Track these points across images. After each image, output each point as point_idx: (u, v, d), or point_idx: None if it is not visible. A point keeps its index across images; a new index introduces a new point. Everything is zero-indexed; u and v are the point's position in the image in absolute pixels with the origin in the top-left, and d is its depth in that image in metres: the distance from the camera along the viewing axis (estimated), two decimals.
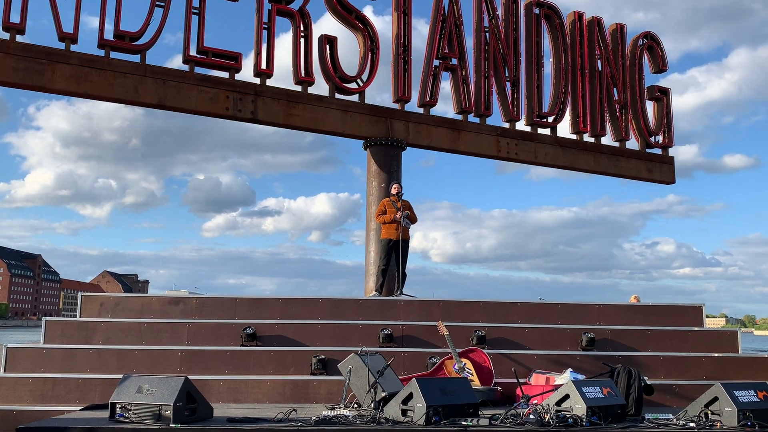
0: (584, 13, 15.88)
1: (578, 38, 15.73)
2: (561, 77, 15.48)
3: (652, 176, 17.05)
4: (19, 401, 7.46)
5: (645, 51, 17.04)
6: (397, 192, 10.57)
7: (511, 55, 14.79)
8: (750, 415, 5.83)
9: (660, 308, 9.46)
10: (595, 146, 15.96)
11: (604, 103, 16.03)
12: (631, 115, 16.50)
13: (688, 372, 8.42)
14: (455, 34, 14.04)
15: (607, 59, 16.11)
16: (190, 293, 19.94)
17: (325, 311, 8.96)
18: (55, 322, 8.52)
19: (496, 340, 8.67)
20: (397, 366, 7.76)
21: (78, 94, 10.75)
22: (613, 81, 16.20)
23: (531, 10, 15.27)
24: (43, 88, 10.44)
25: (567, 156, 15.56)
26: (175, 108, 11.54)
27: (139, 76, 11.00)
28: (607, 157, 16.15)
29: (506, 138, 14.68)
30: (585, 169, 15.96)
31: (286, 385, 7.70)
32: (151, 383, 5.83)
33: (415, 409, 5.70)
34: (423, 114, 13.79)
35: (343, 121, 12.79)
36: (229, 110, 11.78)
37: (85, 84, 10.55)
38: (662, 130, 17.08)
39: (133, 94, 10.96)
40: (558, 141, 15.41)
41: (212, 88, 11.63)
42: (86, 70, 10.60)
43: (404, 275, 10.46)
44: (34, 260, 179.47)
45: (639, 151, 16.70)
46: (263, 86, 12.11)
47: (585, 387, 6.01)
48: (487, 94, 14.40)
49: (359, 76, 12.99)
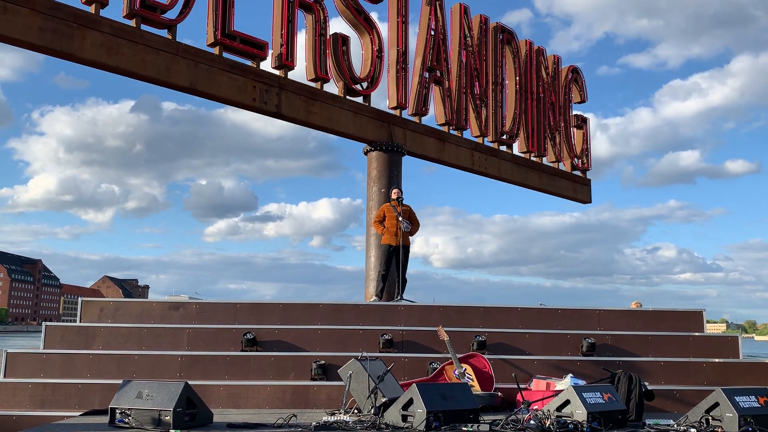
0: (533, 42, 17.44)
1: (529, 65, 17.31)
2: (517, 99, 16.71)
3: (576, 195, 18.91)
4: (18, 406, 7.46)
5: (573, 83, 19.10)
6: (398, 197, 10.56)
7: (482, 74, 15.70)
8: (751, 421, 5.82)
9: (660, 314, 9.45)
10: (539, 165, 17.51)
11: (546, 126, 17.67)
12: (564, 140, 18.27)
13: (688, 377, 8.40)
14: (441, 48, 14.60)
15: (547, 87, 17.89)
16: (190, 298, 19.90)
17: (326, 316, 8.94)
18: (55, 327, 8.51)
19: (497, 345, 8.66)
20: (398, 371, 7.75)
21: (109, 68, 9.69)
22: (551, 106, 17.99)
23: (497, 34, 16.42)
24: (72, 56, 9.28)
25: (521, 173, 16.91)
26: (205, 94, 10.70)
27: (171, 54, 10.13)
28: (548, 176, 17.82)
29: (478, 152, 15.58)
30: (532, 185, 17.40)
31: (286, 390, 7.69)
32: (151, 388, 5.82)
33: (416, 415, 5.68)
34: (417, 123, 14.03)
35: (354, 123, 12.76)
36: (256, 102, 11.16)
37: (116, 56, 9.55)
38: (584, 154, 19.13)
39: (165, 74, 10.09)
40: (515, 158, 16.72)
41: (241, 77, 10.99)
42: (118, 40, 9.59)
43: (405, 280, 10.46)
44: (34, 265, 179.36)
45: (568, 172, 18.51)
46: (286, 79, 11.66)
47: (585, 392, 5.99)
48: (465, 109, 15.16)
49: (367, 79, 13.02)
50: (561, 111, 18.26)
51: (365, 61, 13.15)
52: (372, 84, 13.15)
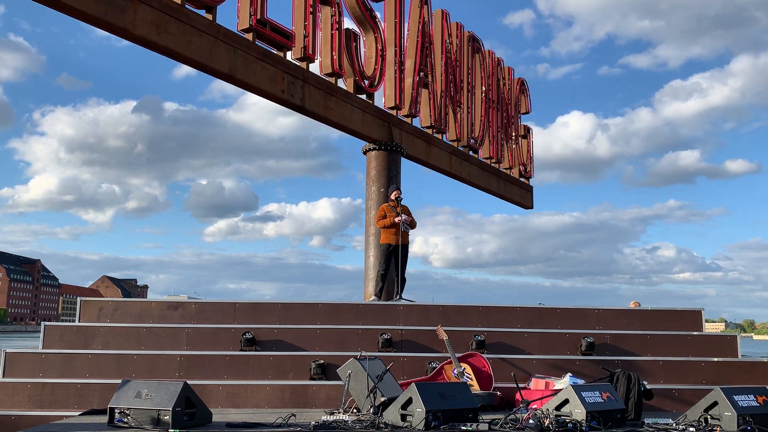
0: (494, 52, 18.05)
1: (492, 74, 17.98)
2: (483, 106, 17.22)
3: (523, 201, 19.84)
4: (17, 406, 7.45)
5: (521, 94, 19.98)
6: (397, 197, 10.57)
7: (458, 80, 16.04)
8: (750, 420, 5.83)
9: (659, 313, 9.46)
10: (497, 171, 18.19)
11: (503, 134, 18.41)
12: (515, 148, 19.15)
13: (687, 377, 8.41)
14: (429, 51, 14.71)
15: (504, 96, 18.66)
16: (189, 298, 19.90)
17: (325, 316, 8.95)
18: (54, 327, 8.50)
19: (496, 344, 8.67)
20: (397, 371, 7.76)
21: (157, 47, 9.13)
22: (507, 116, 18.79)
23: (469, 42, 16.83)
24: (124, 30, 8.70)
25: (484, 177, 17.44)
26: (242, 83, 10.20)
27: (213, 38, 9.71)
28: (503, 182, 18.51)
29: (455, 156, 15.95)
30: (491, 190, 18.00)
31: (285, 390, 7.69)
32: (150, 388, 5.82)
33: (415, 414, 5.69)
34: (409, 124, 14.09)
35: (362, 121, 12.71)
36: (284, 93, 10.77)
37: (164, 35, 9.06)
38: (529, 162, 20.12)
39: (207, 57, 9.63)
40: (480, 164, 17.24)
41: (272, 66, 10.59)
42: (166, 17, 9.08)
43: (404, 280, 10.47)
44: (33, 265, 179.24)
45: (517, 179, 19.34)
46: (309, 72, 11.39)
47: (584, 392, 6.00)
48: (446, 113, 15.40)
49: (373, 77, 13.02)
50: (512, 120, 19.24)
51: (369, 60, 13.10)
52: (377, 82, 13.14)
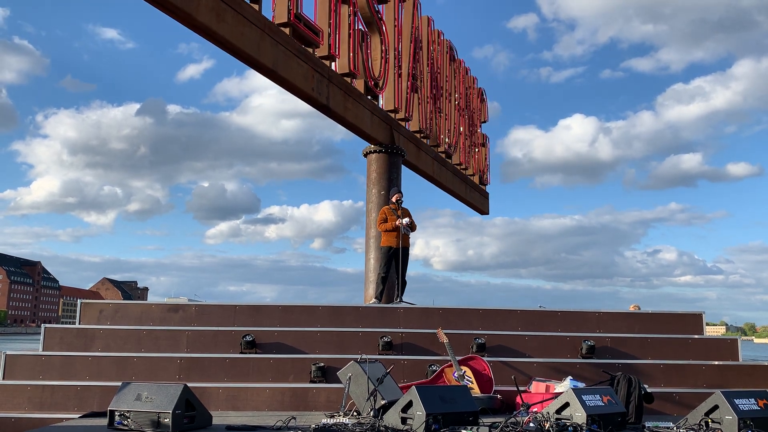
0: (463, 61, 18.56)
1: (463, 83, 18.43)
2: (456, 113, 17.64)
3: (481, 207, 20.60)
4: (17, 408, 7.44)
5: (481, 103, 20.51)
6: (398, 200, 10.56)
7: (439, 86, 16.32)
8: (750, 424, 5.82)
9: (660, 316, 9.45)
10: (465, 177, 18.65)
11: (469, 141, 18.98)
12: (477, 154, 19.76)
13: (688, 380, 8.40)
14: (419, 56, 14.93)
15: (470, 104, 19.17)
16: (189, 300, 19.88)
17: (325, 319, 8.94)
18: (54, 329, 8.50)
19: (496, 347, 8.66)
20: (397, 373, 7.74)
21: (215, 36, 8.90)
22: (472, 123, 19.34)
23: (448, 51, 17.17)
24: (189, 17, 8.46)
25: (455, 182, 17.81)
26: (281, 79, 9.89)
27: (260, 30, 9.43)
28: (469, 188, 19.03)
29: (437, 161, 16.18)
30: (460, 195, 18.43)
31: (285, 392, 7.68)
32: (150, 391, 5.82)
33: (415, 417, 5.68)
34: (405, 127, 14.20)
35: (371, 123, 12.68)
36: (314, 91, 10.52)
37: (222, 24, 8.88)
38: (486, 170, 20.82)
39: (255, 50, 9.36)
40: (454, 169, 17.65)
41: (305, 63, 10.36)
42: (224, 6, 8.91)
43: (404, 282, 10.46)
44: (34, 267, 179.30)
45: (477, 185, 19.93)
46: (333, 71, 11.23)
47: (585, 395, 5.99)
48: (431, 118, 15.64)
49: (380, 79, 13.04)
50: (475, 128, 19.80)
51: (374, 62, 13.05)
52: (382, 84, 13.14)
